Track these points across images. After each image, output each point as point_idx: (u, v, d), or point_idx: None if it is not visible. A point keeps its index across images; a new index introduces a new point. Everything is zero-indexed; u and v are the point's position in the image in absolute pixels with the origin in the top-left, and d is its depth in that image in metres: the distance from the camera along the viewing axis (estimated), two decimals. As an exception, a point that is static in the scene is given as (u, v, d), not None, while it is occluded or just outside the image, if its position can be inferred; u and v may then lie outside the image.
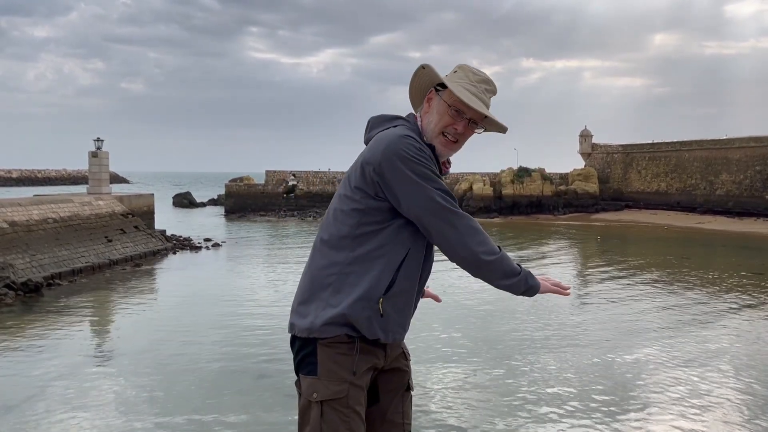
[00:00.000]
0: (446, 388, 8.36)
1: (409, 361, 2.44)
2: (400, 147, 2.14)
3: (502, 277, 2.23)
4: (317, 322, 2.18)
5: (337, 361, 2.17)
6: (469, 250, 2.18)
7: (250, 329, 11.59)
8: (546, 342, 10.70)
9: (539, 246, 27.12)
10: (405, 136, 2.17)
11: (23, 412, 7.47)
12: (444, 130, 2.25)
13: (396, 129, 2.24)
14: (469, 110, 2.24)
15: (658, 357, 9.77)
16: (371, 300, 2.16)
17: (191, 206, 50.86)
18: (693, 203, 42.62)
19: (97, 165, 26.87)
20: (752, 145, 39.96)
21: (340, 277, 2.18)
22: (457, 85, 2.23)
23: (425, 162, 2.15)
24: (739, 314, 13.12)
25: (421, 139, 2.24)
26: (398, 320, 2.24)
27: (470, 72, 2.29)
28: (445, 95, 2.25)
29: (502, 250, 2.26)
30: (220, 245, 25.29)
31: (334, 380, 2.16)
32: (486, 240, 2.21)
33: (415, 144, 2.17)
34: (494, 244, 2.24)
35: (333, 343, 2.17)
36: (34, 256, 16.75)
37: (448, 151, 2.30)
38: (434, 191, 2.15)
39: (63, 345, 10.74)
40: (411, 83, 2.38)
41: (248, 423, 7.15)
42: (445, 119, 2.25)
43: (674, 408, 7.61)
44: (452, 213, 2.17)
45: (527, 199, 44.01)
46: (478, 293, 14.79)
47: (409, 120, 2.32)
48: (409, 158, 2.13)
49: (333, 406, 2.15)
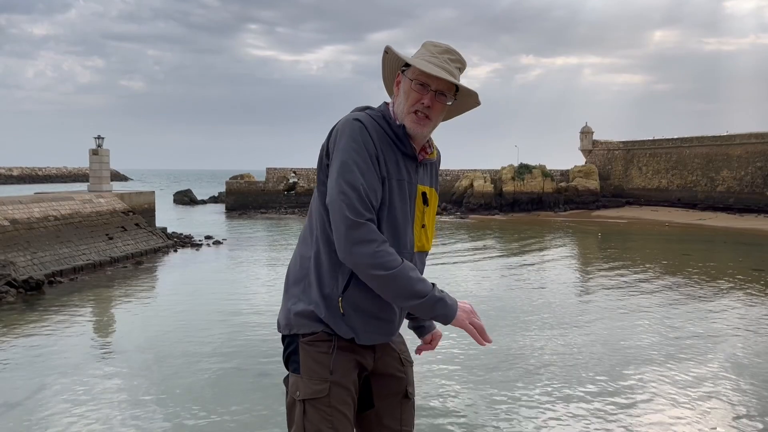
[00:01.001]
0: (446, 386, 8.37)
1: (406, 367, 2.36)
2: (345, 127, 2.09)
3: (395, 296, 2.05)
4: (290, 316, 2.19)
5: (317, 360, 2.14)
6: (347, 256, 2.02)
7: (252, 327, 11.61)
8: (547, 340, 10.71)
9: (540, 243, 27.12)
10: (353, 119, 2.11)
11: (25, 409, 7.49)
12: (413, 107, 2.16)
13: (351, 113, 2.18)
14: (433, 80, 2.13)
15: (658, 353, 9.78)
16: (332, 299, 2.13)
17: (192, 204, 50.89)
18: (694, 200, 42.60)
19: (98, 162, 26.89)
20: (753, 142, 39.92)
21: (310, 273, 2.16)
22: (417, 60, 2.16)
23: (361, 145, 2.06)
24: (740, 310, 13.12)
25: (388, 123, 2.17)
26: (366, 322, 2.16)
27: (431, 45, 2.21)
28: (409, 73, 2.17)
29: (404, 264, 2.02)
30: (221, 243, 25.30)
31: (315, 379, 2.14)
32: (379, 252, 1.99)
33: (359, 126, 2.09)
34: (393, 257, 2.01)
35: (313, 341, 2.15)
36: (35, 254, 16.77)
37: (421, 128, 2.17)
38: (344, 182, 2.02)
39: (64, 343, 10.76)
40: (383, 72, 2.31)
41: (249, 421, 7.16)
42: (412, 96, 2.15)
43: (673, 403, 7.62)
44: (341, 208, 2.02)
45: (528, 196, 44.00)
46: (479, 292, 14.79)
47: (379, 107, 2.25)
48: (347, 136, 2.07)
49: (314, 405, 2.12)
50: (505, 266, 20.22)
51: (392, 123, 2.18)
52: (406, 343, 2.46)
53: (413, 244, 2.22)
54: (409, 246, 2.20)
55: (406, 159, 2.19)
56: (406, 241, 2.18)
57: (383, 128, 2.16)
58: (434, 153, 2.32)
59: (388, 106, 2.25)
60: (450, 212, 41.85)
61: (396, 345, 2.35)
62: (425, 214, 2.27)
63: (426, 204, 2.26)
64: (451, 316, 2.08)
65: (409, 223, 2.20)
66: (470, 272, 18.72)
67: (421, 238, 2.26)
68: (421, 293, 2.02)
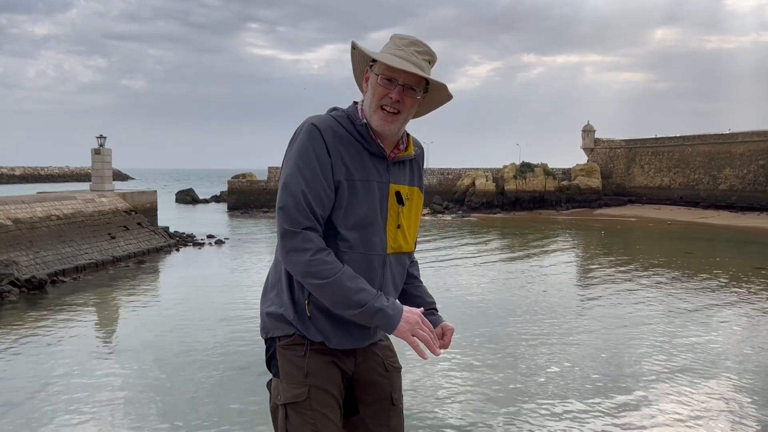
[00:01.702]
0: (446, 384, 8.37)
1: (390, 373, 2.28)
2: (297, 132, 2.07)
3: (333, 305, 2.03)
4: (265, 319, 2.18)
5: (293, 363, 2.11)
6: (285, 262, 2.06)
7: (253, 326, 11.60)
8: (547, 337, 10.71)
9: (542, 242, 27.11)
10: (310, 124, 2.06)
11: (27, 408, 7.50)
12: (380, 103, 2.06)
13: (310, 117, 2.12)
14: (400, 74, 2.04)
15: (659, 351, 9.77)
16: (300, 302, 2.10)
17: (194, 203, 50.97)
18: (696, 198, 42.56)
19: (100, 162, 26.93)
20: (756, 140, 39.86)
21: (281, 277, 2.14)
22: (383, 54, 2.07)
23: (309, 151, 2.02)
24: (742, 308, 13.11)
25: (352, 123, 2.10)
26: (336, 326, 2.10)
27: (398, 38, 2.11)
28: (375, 68, 2.08)
29: (342, 272, 1.98)
30: (223, 242, 25.33)
31: (293, 383, 2.11)
32: (313, 261, 1.97)
33: (311, 130, 2.04)
34: (328, 266, 1.98)
35: (289, 345, 2.12)
36: (37, 254, 16.80)
37: (389, 125, 2.07)
38: (284, 190, 2.05)
39: (67, 342, 10.78)
40: (353, 69, 2.22)
41: (252, 420, 7.17)
42: (378, 91, 2.06)
43: (675, 402, 7.62)
44: (279, 215, 2.06)
45: (530, 195, 43.99)
46: (479, 291, 14.79)
47: (347, 107, 2.17)
48: (297, 142, 2.05)
49: (295, 409, 2.09)
50: (507, 265, 20.21)
51: (356, 122, 2.11)
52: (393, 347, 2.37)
53: (385, 246, 2.13)
54: (380, 248, 2.12)
55: (374, 158, 2.11)
56: (376, 242, 2.11)
57: (346, 128, 2.09)
58: (410, 149, 2.22)
59: (357, 105, 2.17)
60: (452, 211, 41.86)
61: (380, 350, 2.27)
62: (401, 214, 2.17)
63: (401, 203, 2.17)
64: (392, 326, 2.00)
65: (379, 224, 2.11)
66: (472, 271, 18.71)
67: (397, 239, 2.17)
68: (358, 303, 1.96)
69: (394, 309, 2.00)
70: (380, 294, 2.01)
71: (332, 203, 2.05)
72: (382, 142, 2.13)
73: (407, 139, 2.21)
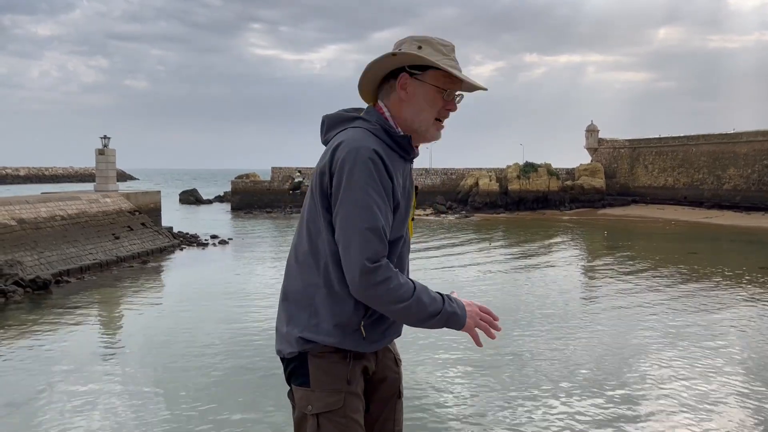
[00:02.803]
0: (446, 383, 8.37)
1: (399, 367, 2.30)
2: (358, 160, 1.91)
3: (413, 322, 2.02)
4: (294, 342, 2.07)
5: (329, 372, 2.04)
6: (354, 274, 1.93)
7: (258, 326, 11.62)
8: (550, 336, 10.69)
9: (546, 242, 27.07)
10: (368, 152, 1.92)
11: (31, 408, 7.52)
12: (439, 115, 2.05)
13: (356, 133, 2.00)
14: (458, 85, 2.04)
15: (663, 352, 9.75)
16: (350, 326, 2.03)
17: (198, 203, 51.02)
18: (700, 198, 42.44)
19: (104, 162, 26.99)
20: (760, 140, 39.73)
21: (319, 302, 2.02)
22: (456, 71, 2.01)
23: (377, 183, 1.92)
24: (746, 308, 13.07)
25: (389, 135, 2.02)
26: (384, 331, 2.12)
27: (440, 45, 2.02)
28: (430, 78, 2.00)
29: (417, 290, 1.98)
30: (227, 242, 25.35)
31: (328, 391, 2.03)
32: (394, 288, 1.94)
33: (374, 160, 1.92)
34: (406, 287, 1.96)
35: (324, 353, 2.04)
36: (42, 254, 16.84)
37: (439, 134, 2.11)
38: (361, 220, 1.90)
39: (71, 342, 10.81)
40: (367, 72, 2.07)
41: (255, 421, 7.18)
42: (439, 103, 2.03)
43: (678, 404, 7.60)
44: (358, 233, 1.91)
45: (533, 195, 43.93)
46: (482, 290, 14.77)
47: (371, 115, 2.06)
48: (363, 173, 1.91)
49: (329, 417, 2.02)
50: (510, 265, 20.19)
51: (394, 134, 2.03)
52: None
53: (408, 238, 2.18)
54: (407, 241, 2.16)
55: (406, 162, 2.12)
56: (405, 237, 2.15)
57: (387, 143, 2.01)
58: None
59: (381, 111, 2.08)
60: (455, 211, 41.83)
61: (391, 345, 2.28)
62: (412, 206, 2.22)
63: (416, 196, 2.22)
64: (461, 324, 2.05)
65: (407, 219, 2.15)
66: (476, 270, 18.69)
67: (410, 229, 2.22)
68: (435, 313, 1.99)
69: (460, 308, 2.04)
70: (446, 297, 2.04)
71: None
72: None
73: None
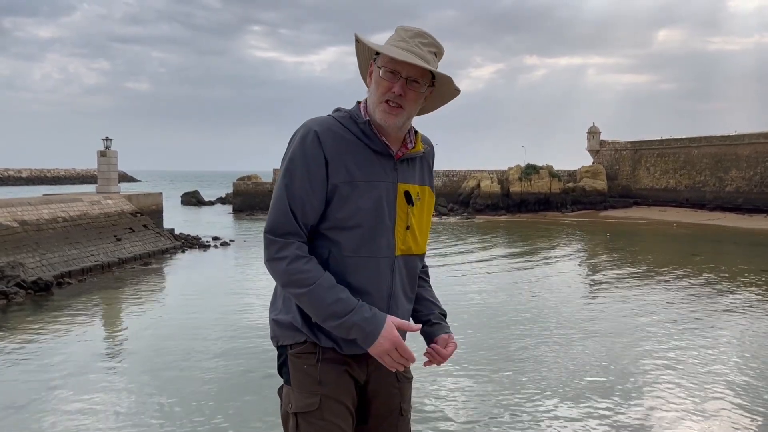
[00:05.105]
0: (447, 385, 8.35)
1: (402, 383, 2.20)
2: (294, 137, 2.03)
3: (313, 316, 1.99)
4: (275, 327, 2.13)
5: (305, 372, 2.05)
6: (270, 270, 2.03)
7: (259, 328, 11.60)
8: (551, 339, 10.67)
9: (548, 244, 27.04)
10: (307, 127, 2.02)
11: (32, 410, 7.51)
12: (384, 97, 1.99)
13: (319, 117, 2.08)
14: (403, 67, 1.96)
15: (664, 354, 9.72)
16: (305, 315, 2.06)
17: (199, 205, 51.08)
18: (702, 200, 42.39)
19: (106, 164, 27.01)
20: (762, 141, 39.68)
21: None
22: (385, 46, 2.00)
23: (301, 156, 1.98)
24: (748, 311, 13.03)
25: (355, 122, 2.03)
26: None
27: (402, 30, 2.02)
28: (379, 60, 2.00)
29: (320, 281, 1.93)
30: (229, 244, 25.36)
31: (305, 392, 2.04)
32: (290, 270, 1.95)
33: (306, 134, 2.00)
34: (306, 275, 1.94)
35: (301, 353, 2.06)
36: (44, 255, 16.86)
37: (393, 119, 1.99)
38: (274, 194, 2.02)
39: (72, 343, 10.81)
40: (358, 63, 2.14)
41: (255, 422, 7.17)
42: (382, 85, 1.99)
43: (679, 408, 7.58)
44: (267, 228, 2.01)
45: (535, 197, 43.91)
46: (483, 292, 14.75)
47: (351, 108, 2.10)
48: (292, 147, 2.02)
49: (306, 418, 2.02)
50: (512, 267, 20.16)
51: (359, 121, 2.03)
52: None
53: (393, 248, 2.05)
54: (387, 250, 2.03)
55: (380, 157, 2.03)
56: (382, 244, 2.02)
57: (349, 128, 2.02)
58: (419, 146, 2.12)
59: (360, 104, 2.10)
60: (457, 213, 41.82)
61: None
62: (411, 215, 2.08)
63: (410, 203, 2.08)
64: (368, 343, 1.94)
65: (386, 226, 2.02)
66: (477, 272, 18.68)
67: (407, 240, 2.08)
68: (336, 314, 1.92)
69: (375, 327, 1.92)
70: (367, 310, 1.94)
71: (321, 210, 2.00)
72: (386, 139, 2.04)
73: (415, 136, 2.12)
